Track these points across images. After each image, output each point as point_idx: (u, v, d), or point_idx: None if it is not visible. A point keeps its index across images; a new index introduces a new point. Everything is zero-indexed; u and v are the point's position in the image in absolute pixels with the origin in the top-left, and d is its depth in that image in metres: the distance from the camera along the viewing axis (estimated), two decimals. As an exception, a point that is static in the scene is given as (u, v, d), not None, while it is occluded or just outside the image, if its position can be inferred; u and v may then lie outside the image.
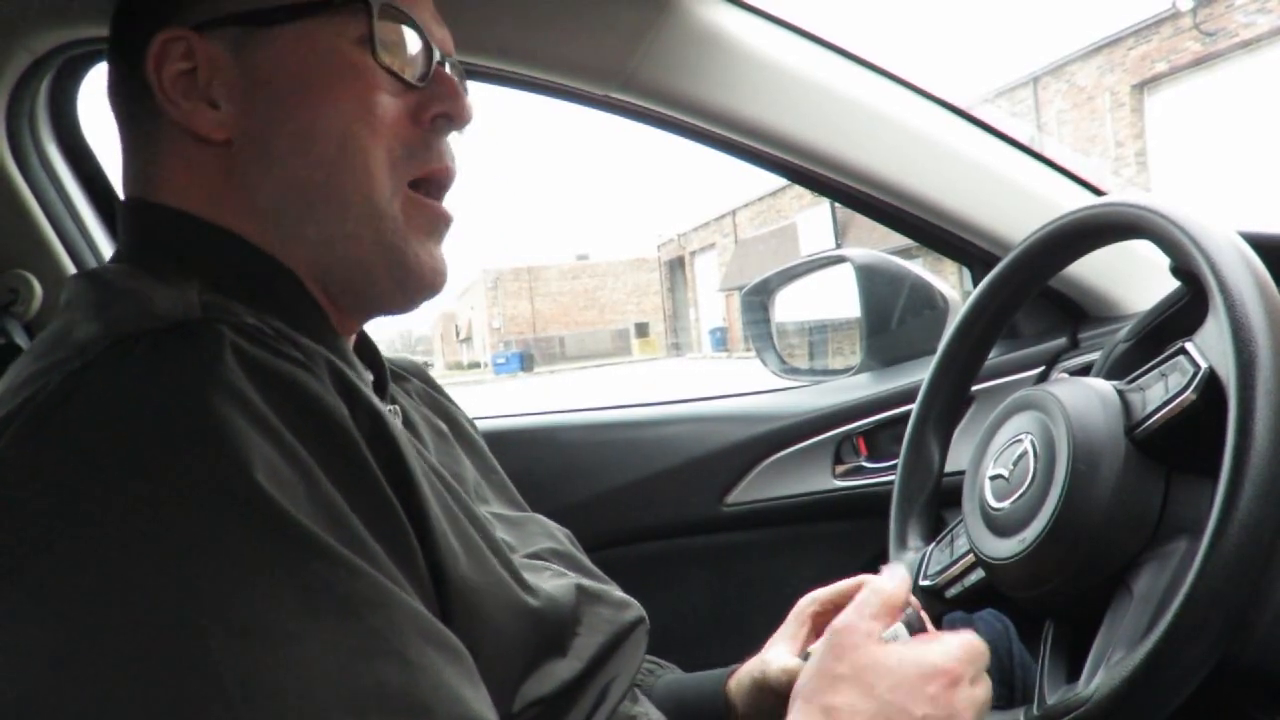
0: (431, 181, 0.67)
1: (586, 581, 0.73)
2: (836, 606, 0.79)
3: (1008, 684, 0.93)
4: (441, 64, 0.68)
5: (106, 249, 1.28)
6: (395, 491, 0.52)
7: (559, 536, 0.81)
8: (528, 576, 0.64)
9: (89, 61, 1.19)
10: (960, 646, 0.64)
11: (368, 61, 0.63)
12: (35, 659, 0.41)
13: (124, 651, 0.40)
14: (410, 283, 0.65)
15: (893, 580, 0.68)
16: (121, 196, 0.67)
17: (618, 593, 0.75)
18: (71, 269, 1.22)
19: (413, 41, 0.65)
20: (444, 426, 0.82)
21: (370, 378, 0.70)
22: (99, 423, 0.44)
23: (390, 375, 0.77)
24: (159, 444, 0.44)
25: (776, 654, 0.81)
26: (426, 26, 0.67)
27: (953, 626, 0.96)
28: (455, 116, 0.67)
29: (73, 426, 0.45)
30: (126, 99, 0.65)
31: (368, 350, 0.73)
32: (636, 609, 0.74)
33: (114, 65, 0.66)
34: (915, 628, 0.73)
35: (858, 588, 0.79)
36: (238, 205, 0.62)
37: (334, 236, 0.63)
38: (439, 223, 0.67)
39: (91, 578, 0.41)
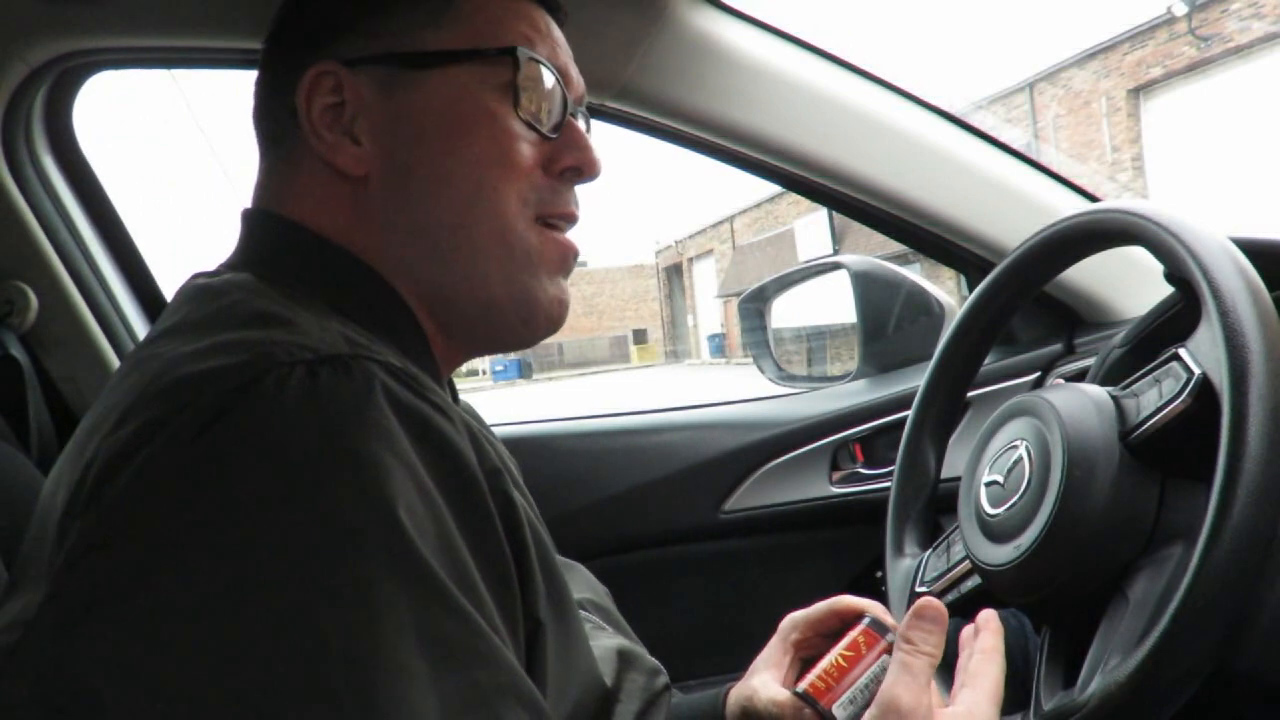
0: (558, 218, 0.68)
1: (623, 642, 0.74)
2: (817, 633, 0.78)
3: (1024, 687, 0.92)
4: (574, 116, 0.69)
5: (103, 260, 1.28)
6: (509, 546, 0.53)
7: (599, 590, 0.82)
8: None
9: (85, 73, 1.19)
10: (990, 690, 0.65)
11: (508, 111, 0.64)
12: (164, 659, 0.42)
13: (248, 658, 0.42)
14: (535, 318, 0.67)
15: (929, 641, 0.66)
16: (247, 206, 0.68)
17: (648, 657, 0.76)
18: (67, 280, 1.22)
19: (551, 90, 0.67)
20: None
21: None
22: (254, 445, 0.45)
23: None
24: (311, 471, 0.45)
25: (763, 682, 0.78)
26: (565, 72, 0.69)
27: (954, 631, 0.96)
28: (585, 170, 0.69)
29: (228, 443, 0.45)
30: (270, 121, 0.67)
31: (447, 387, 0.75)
32: (664, 676, 0.76)
33: (261, 87, 0.68)
34: None
35: (835, 609, 0.78)
36: (365, 239, 0.64)
37: (463, 276, 0.64)
38: (568, 256, 0.69)
39: (225, 584, 0.43)
